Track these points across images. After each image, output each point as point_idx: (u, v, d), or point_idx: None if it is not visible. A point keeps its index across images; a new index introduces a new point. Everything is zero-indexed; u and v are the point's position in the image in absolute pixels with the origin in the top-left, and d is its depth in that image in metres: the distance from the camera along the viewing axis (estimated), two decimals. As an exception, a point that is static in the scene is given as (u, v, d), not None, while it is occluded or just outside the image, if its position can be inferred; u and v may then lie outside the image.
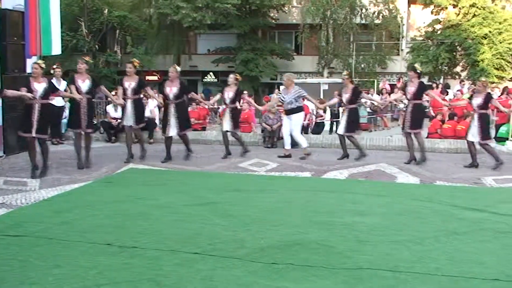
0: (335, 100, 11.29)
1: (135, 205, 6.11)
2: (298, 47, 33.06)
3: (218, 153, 10.15)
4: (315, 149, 10.58)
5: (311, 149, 10.16)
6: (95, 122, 11.32)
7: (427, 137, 11.55)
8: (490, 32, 25.19)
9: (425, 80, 26.49)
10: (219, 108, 19.47)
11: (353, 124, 9.68)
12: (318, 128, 15.77)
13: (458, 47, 26.67)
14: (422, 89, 9.15)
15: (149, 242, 4.69)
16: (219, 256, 4.32)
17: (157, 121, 12.50)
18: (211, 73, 33.18)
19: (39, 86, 7.77)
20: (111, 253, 4.40)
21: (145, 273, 3.94)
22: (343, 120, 9.74)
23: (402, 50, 30.97)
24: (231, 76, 10.15)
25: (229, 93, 9.86)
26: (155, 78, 31.82)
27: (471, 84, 20.87)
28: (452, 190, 7.28)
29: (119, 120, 11.05)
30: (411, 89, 9.04)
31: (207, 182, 7.61)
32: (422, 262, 4.24)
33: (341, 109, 13.96)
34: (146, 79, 24.89)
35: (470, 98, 9.38)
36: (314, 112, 15.62)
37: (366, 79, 28.23)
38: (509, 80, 25.42)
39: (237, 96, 10.04)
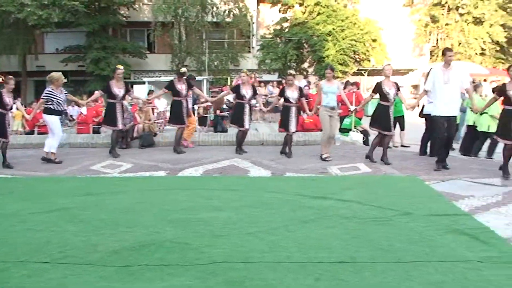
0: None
1: (-24, 216, 5.68)
2: (151, 45, 32.69)
3: (69, 156, 9.75)
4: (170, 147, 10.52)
5: (168, 148, 10.16)
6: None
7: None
8: (333, 29, 26.88)
9: (275, 76, 27.59)
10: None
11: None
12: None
13: (305, 44, 28.11)
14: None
15: (-6, 254, 4.41)
16: (70, 263, 4.18)
17: None
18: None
19: None
20: (-49, 269, 4.07)
21: (-11, 288, 3.71)
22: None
23: (253, 47, 31.89)
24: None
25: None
26: (-1, 79, 29.68)
27: (317, 79, 22.10)
28: (300, 180, 7.68)
29: None
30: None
31: (57, 187, 7.29)
32: (273, 251, 4.43)
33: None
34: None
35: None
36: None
37: (219, 76, 28.68)
38: (352, 75, 27.28)
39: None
